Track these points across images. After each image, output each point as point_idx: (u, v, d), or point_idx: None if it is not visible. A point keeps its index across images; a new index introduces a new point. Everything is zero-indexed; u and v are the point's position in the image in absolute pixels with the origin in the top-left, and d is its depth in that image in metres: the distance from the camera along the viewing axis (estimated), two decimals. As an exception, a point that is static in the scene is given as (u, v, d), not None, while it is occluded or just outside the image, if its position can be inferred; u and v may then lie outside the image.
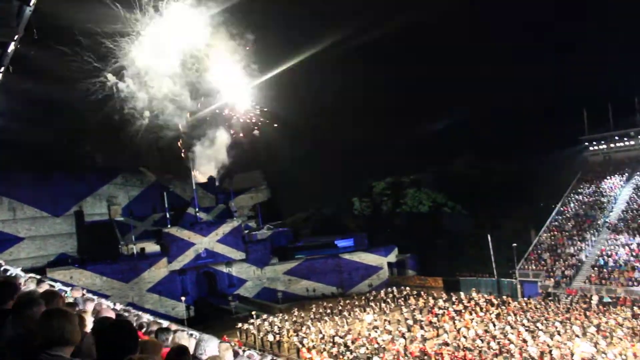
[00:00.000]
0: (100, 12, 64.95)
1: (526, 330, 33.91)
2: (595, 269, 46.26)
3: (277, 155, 78.31)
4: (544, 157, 64.98)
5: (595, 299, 42.18)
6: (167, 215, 63.58)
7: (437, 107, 74.78)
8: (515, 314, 39.98)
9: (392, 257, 64.60)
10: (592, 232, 51.74)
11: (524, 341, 31.64)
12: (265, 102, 78.28)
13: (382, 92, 75.87)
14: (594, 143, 63.64)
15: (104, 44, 67.33)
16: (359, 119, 74.70)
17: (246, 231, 67.22)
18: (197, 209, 64.79)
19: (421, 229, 67.37)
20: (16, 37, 5.89)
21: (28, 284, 8.23)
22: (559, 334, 32.69)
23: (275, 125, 77.87)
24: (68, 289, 12.26)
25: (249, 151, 79.13)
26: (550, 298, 45.23)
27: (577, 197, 59.03)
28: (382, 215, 75.96)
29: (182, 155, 73.24)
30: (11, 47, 7.38)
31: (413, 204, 74.27)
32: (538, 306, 42.68)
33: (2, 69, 8.08)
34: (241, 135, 79.06)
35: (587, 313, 38.71)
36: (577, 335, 32.34)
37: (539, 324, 35.49)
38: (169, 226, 61.80)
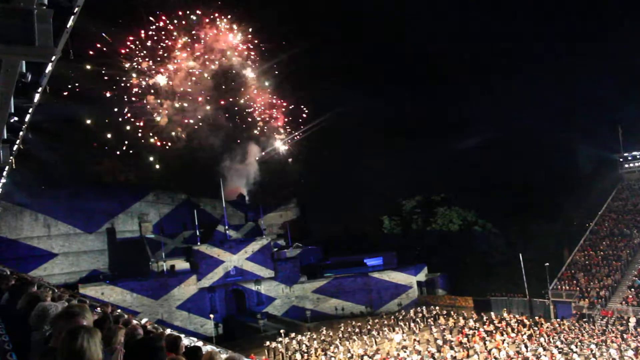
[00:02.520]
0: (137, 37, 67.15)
1: (559, 353, 33.09)
2: (632, 289, 45.04)
3: (307, 174, 78.88)
4: (578, 175, 63.95)
5: (632, 321, 40.94)
6: (197, 233, 64.07)
7: (469, 124, 74.45)
8: (548, 336, 39.11)
9: (422, 276, 63.93)
10: (628, 251, 50.48)
11: (558, 363, 30.92)
12: (295, 122, 79.29)
13: (412, 109, 75.88)
14: (630, 159, 62.40)
15: (142, 67, 69.48)
16: (389, 136, 74.73)
17: (275, 249, 67.32)
18: (226, 227, 65.23)
19: (451, 247, 66.60)
20: (53, 58, 6.07)
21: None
22: (594, 357, 31.82)
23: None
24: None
25: (279, 170, 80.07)
26: (584, 319, 44.11)
27: (612, 215, 57.75)
28: (411, 233, 75.41)
29: (214, 173, 73.98)
30: (48, 68, 7.63)
31: (443, 223, 73.61)
32: (572, 327, 41.68)
33: (40, 89, 8.34)
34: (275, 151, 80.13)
35: (624, 335, 37.63)
36: (613, 359, 31.45)
37: (573, 346, 34.61)
38: (198, 244, 62.25)
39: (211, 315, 56.88)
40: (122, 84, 68.28)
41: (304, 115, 78.29)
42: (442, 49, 72.24)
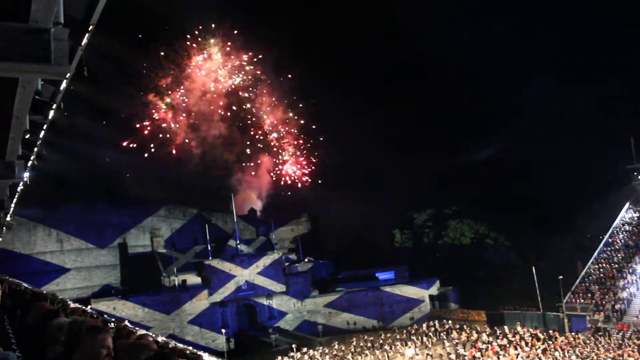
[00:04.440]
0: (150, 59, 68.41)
1: (575, 367, 32.70)
2: (648, 303, 44.47)
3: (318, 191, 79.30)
4: (591, 187, 63.43)
5: (649, 334, 40.39)
6: (209, 248, 64.17)
7: (479, 137, 74.23)
8: (562, 350, 38.65)
9: (434, 290, 63.55)
10: (643, 264, 49.90)
11: (574, 378, 30.50)
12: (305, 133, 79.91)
13: (423, 123, 75.82)
14: (643, 171, 61.83)
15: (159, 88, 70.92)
16: (399, 150, 74.64)
17: (287, 263, 67.23)
18: (238, 241, 65.27)
19: (463, 261, 66.20)
20: (68, 75, 6.16)
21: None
22: (610, 371, 31.40)
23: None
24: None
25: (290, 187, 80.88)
26: (600, 333, 43.52)
27: (626, 227, 57.16)
28: (423, 247, 75.12)
29: (225, 187, 74.39)
30: (63, 85, 7.74)
31: (455, 236, 73.31)
32: (587, 341, 41.13)
33: (55, 106, 8.45)
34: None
35: (641, 349, 37.08)
36: (630, 373, 31.01)
37: (588, 361, 34.19)
38: (210, 258, 62.29)
39: (223, 330, 56.76)
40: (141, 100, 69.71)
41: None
42: (451, 59, 72.26)
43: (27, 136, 9.84)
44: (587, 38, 68.36)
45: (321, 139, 79.47)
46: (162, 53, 71.01)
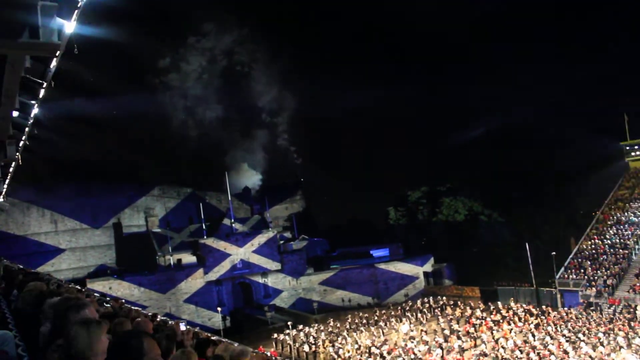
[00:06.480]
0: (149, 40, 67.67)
1: (567, 341, 33.07)
2: (639, 277, 44.90)
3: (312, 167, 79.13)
4: (584, 164, 63.60)
5: (640, 308, 40.87)
6: (203, 227, 64.21)
7: (473, 113, 74.13)
8: (555, 324, 39.08)
9: (428, 267, 63.91)
10: (634, 239, 50.29)
11: (565, 352, 30.87)
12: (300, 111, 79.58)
13: (416, 101, 75.61)
14: (636, 148, 62.04)
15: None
16: (392, 128, 74.55)
17: (281, 242, 67.33)
18: (232, 220, 65.29)
19: (457, 237, 66.54)
20: (58, 53, 6.05)
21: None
22: (602, 345, 31.77)
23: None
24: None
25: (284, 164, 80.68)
26: (592, 308, 44.02)
27: (618, 203, 57.52)
28: (417, 224, 75.39)
29: (219, 166, 74.28)
30: (53, 63, 7.61)
31: (449, 213, 73.56)
32: (579, 316, 41.60)
33: (45, 84, 8.33)
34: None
35: (632, 324, 37.52)
36: (621, 347, 31.39)
37: (580, 335, 34.59)
38: (205, 237, 62.35)
39: (219, 309, 57.04)
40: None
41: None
42: (445, 37, 71.89)
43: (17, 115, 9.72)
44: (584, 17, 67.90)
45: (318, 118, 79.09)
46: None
